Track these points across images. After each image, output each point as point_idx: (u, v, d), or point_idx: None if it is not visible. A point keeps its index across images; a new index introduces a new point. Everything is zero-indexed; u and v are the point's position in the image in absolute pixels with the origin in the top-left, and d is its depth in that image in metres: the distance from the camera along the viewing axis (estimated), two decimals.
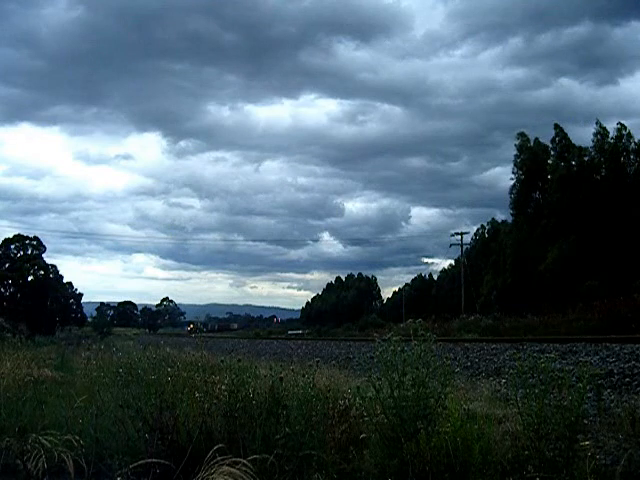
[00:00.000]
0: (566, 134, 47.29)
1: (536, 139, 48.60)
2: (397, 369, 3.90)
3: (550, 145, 47.65)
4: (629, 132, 43.97)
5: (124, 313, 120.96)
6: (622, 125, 44.54)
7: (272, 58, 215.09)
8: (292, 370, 5.16)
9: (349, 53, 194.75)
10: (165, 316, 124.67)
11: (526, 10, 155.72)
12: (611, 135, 44.59)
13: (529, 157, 47.40)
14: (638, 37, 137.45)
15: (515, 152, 49.08)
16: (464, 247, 57.01)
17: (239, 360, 5.48)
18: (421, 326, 4.04)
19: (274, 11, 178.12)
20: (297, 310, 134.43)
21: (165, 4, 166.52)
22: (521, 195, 48.18)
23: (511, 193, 49.22)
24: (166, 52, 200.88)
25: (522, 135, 49.32)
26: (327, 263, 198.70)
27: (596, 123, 45.50)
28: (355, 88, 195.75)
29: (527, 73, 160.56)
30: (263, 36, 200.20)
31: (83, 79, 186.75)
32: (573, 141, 46.76)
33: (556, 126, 47.81)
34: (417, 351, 3.92)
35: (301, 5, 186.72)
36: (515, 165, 48.76)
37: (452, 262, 72.19)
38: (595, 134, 45.22)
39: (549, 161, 47.56)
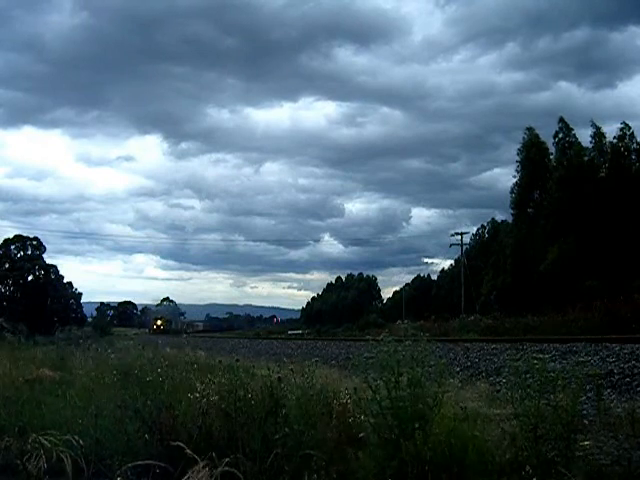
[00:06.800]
0: (571, 129, 46.91)
1: (538, 135, 48.33)
2: (393, 370, 3.91)
3: (552, 140, 47.44)
4: (632, 132, 43.98)
5: (124, 313, 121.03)
6: (626, 125, 44.53)
7: (271, 62, 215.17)
8: (291, 370, 5.16)
9: (348, 57, 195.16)
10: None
11: (524, 15, 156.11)
12: (613, 135, 44.60)
13: (534, 153, 47.14)
14: (636, 42, 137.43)
15: (519, 147, 48.73)
16: (464, 247, 57.18)
17: (237, 360, 5.49)
18: (416, 327, 4.06)
19: (274, 15, 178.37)
20: (297, 310, 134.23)
21: (166, 9, 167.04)
22: (522, 194, 48.08)
23: (512, 192, 49.19)
24: (167, 56, 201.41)
25: (530, 130, 48.93)
26: (327, 263, 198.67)
27: (591, 125, 45.47)
28: (354, 91, 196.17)
29: (525, 76, 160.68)
30: (263, 40, 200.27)
31: (85, 83, 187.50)
32: (574, 140, 46.62)
33: (561, 120, 47.48)
34: (410, 351, 3.92)
35: (301, 10, 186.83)
36: (519, 162, 48.49)
37: (452, 262, 72.36)
38: (592, 136, 45.21)
39: (551, 157, 47.33)
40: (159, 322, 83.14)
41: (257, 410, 4.59)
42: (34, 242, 68.68)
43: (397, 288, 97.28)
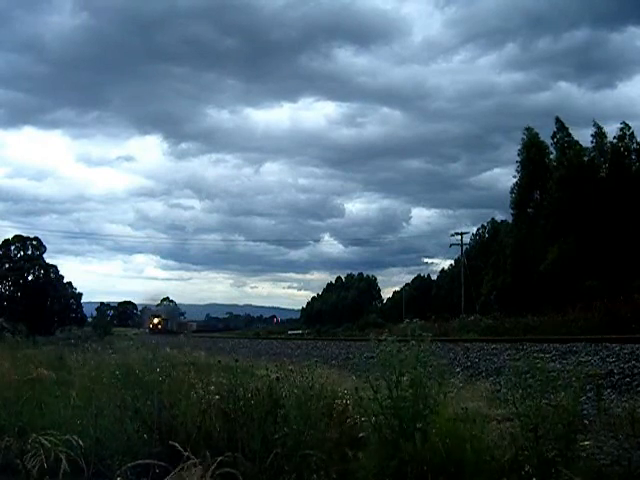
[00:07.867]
0: (567, 128, 46.88)
1: (538, 135, 48.28)
2: (395, 370, 3.91)
3: (551, 141, 47.45)
4: (632, 132, 43.99)
5: (124, 313, 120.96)
6: (626, 124, 44.52)
7: (271, 62, 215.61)
8: (290, 370, 5.16)
9: (348, 58, 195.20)
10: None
11: (524, 15, 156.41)
12: (613, 135, 44.64)
13: (533, 153, 47.09)
14: (636, 42, 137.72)
15: (519, 147, 48.61)
16: (464, 247, 57.23)
17: (236, 360, 5.50)
18: (419, 327, 4.05)
19: (274, 16, 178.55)
20: (297, 310, 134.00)
21: (166, 10, 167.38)
22: (522, 194, 48.07)
23: (512, 192, 49.17)
24: (167, 56, 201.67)
25: (529, 130, 48.76)
26: (327, 263, 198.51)
27: (593, 125, 45.49)
28: (354, 91, 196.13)
29: (525, 77, 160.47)
30: (263, 41, 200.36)
31: (85, 83, 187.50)
32: (572, 140, 46.63)
33: (557, 120, 47.52)
34: (414, 351, 3.92)
35: (301, 10, 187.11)
36: (519, 163, 48.42)
37: (452, 262, 72.40)
38: (593, 135, 45.23)
39: (551, 157, 47.36)
40: (156, 320, 77.94)
41: (257, 410, 4.59)
42: (34, 242, 68.73)
43: (397, 288, 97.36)
